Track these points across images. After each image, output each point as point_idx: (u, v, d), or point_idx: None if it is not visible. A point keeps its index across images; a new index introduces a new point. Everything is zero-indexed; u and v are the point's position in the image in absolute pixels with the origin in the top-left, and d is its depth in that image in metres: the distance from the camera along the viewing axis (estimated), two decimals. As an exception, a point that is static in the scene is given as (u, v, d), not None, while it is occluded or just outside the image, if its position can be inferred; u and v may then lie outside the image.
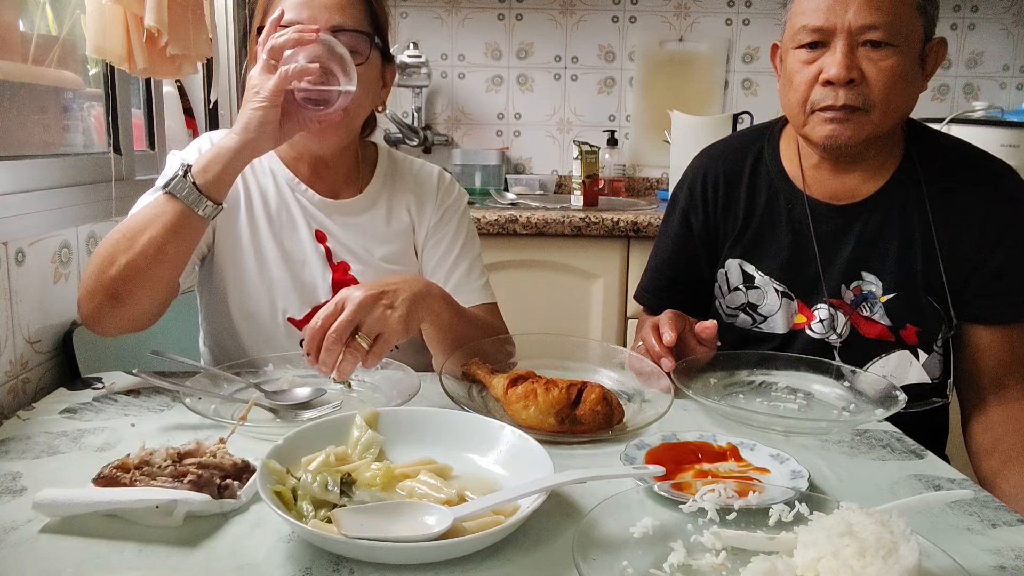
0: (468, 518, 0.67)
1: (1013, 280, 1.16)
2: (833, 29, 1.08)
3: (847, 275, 1.20)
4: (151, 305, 1.04)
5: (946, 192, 1.17)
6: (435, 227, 1.27)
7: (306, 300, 1.19)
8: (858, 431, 0.98)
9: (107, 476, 0.73)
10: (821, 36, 1.10)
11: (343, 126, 1.14)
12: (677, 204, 1.35)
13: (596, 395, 0.92)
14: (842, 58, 1.08)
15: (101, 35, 1.31)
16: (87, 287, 1.01)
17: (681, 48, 2.72)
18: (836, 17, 1.07)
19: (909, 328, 1.19)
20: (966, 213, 1.16)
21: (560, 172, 2.75)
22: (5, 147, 1.28)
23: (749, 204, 1.26)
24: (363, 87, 1.09)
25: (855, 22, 1.06)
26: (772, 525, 0.67)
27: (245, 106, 1.01)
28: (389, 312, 0.94)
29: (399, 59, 2.52)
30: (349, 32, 1.09)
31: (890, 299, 1.19)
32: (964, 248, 1.16)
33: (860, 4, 1.06)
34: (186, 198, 0.98)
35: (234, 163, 1.01)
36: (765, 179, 1.26)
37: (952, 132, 2.11)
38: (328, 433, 0.81)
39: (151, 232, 0.98)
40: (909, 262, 1.17)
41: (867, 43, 1.08)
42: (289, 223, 1.20)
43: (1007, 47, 2.72)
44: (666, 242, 1.37)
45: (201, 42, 1.56)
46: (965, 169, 1.19)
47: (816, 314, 1.22)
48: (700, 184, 1.31)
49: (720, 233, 1.29)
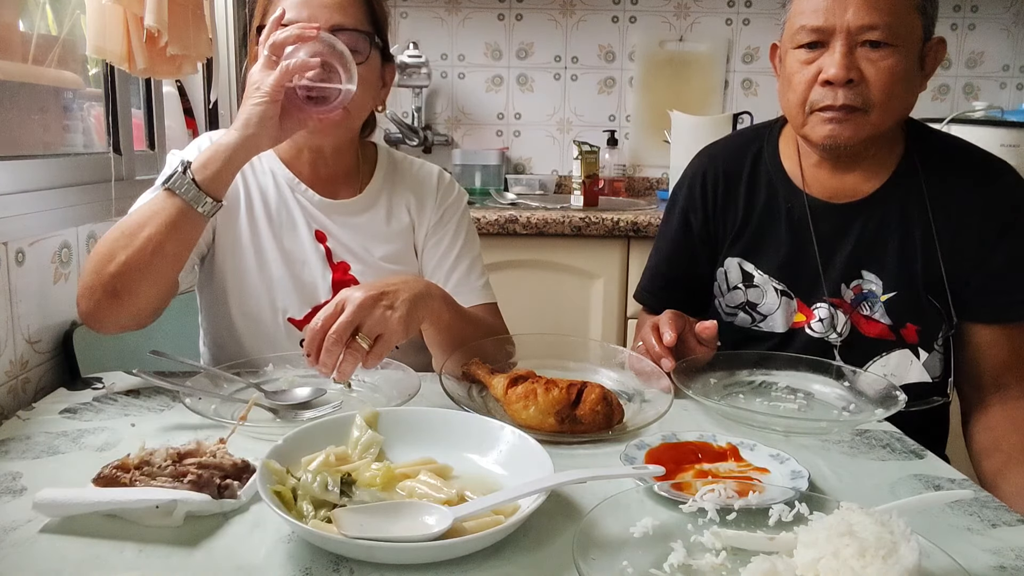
0: (468, 518, 0.67)
1: (1014, 279, 1.16)
2: (832, 29, 1.08)
3: (847, 274, 1.21)
4: (150, 302, 1.04)
5: (946, 190, 1.17)
6: (435, 227, 1.27)
7: (306, 300, 1.19)
8: (858, 431, 0.98)
9: (107, 476, 0.73)
10: (820, 36, 1.09)
11: (343, 124, 1.14)
12: (677, 203, 1.35)
13: (596, 395, 0.92)
14: (841, 58, 1.07)
15: (101, 35, 1.31)
16: (86, 284, 1.01)
17: (681, 48, 2.72)
18: (835, 17, 1.07)
19: (910, 327, 1.19)
20: (966, 211, 1.16)
21: (560, 172, 2.75)
22: (5, 147, 1.28)
23: (748, 203, 1.26)
24: (363, 86, 1.09)
25: (854, 22, 1.06)
26: (772, 525, 0.67)
27: (245, 102, 1.01)
28: (389, 313, 0.94)
29: (399, 59, 2.52)
30: (349, 31, 1.09)
31: (890, 298, 1.19)
32: (964, 246, 1.16)
33: (859, 4, 1.06)
34: (185, 194, 0.98)
35: (233, 160, 1.00)
36: (765, 178, 1.26)
37: (952, 132, 2.10)
38: (328, 433, 0.81)
39: (150, 229, 0.98)
40: (909, 261, 1.17)
41: (866, 43, 1.08)
42: (289, 223, 1.20)
43: (1007, 47, 2.72)
44: (666, 241, 1.37)
45: (201, 42, 1.56)
46: (965, 168, 1.19)
47: (816, 313, 1.22)
48: (700, 183, 1.31)
49: (720, 232, 1.30)
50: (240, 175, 1.21)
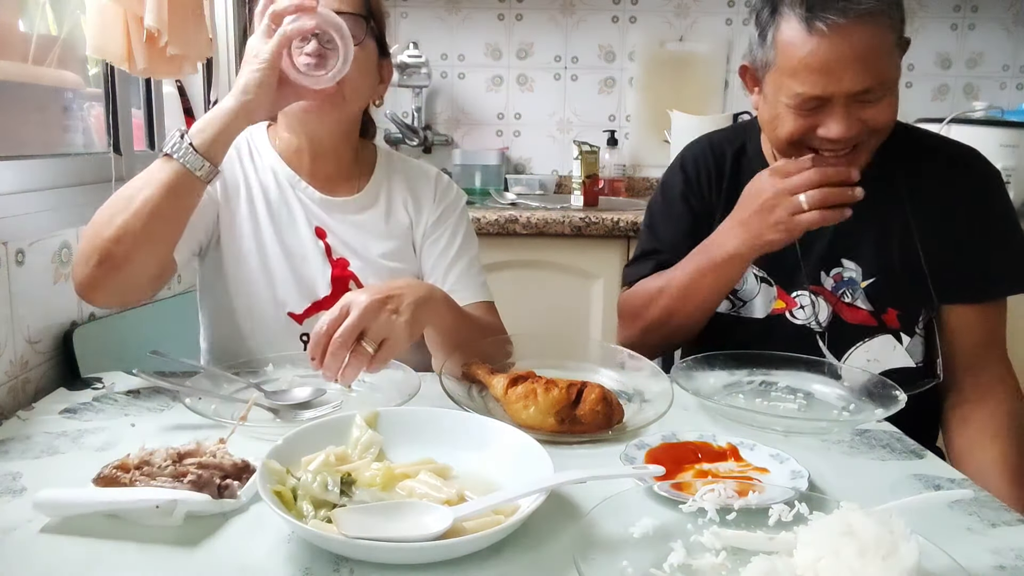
0: (468, 518, 0.67)
1: (986, 259, 1.20)
2: (830, 97, 1.08)
3: (826, 262, 1.23)
4: (145, 270, 1.02)
5: (920, 179, 1.20)
6: (433, 226, 1.28)
7: (305, 295, 1.20)
8: (858, 431, 0.98)
9: (107, 476, 0.73)
10: (817, 102, 1.10)
11: (339, 105, 1.14)
12: (673, 189, 1.34)
13: (596, 395, 0.92)
14: (842, 120, 1.08)
15: (101, 35, 1.31)
16: (82, 251, 1.00)
17: (681, 48, 2.72)
18: (832, 86, 1.07)
19: (891, 312, 1.22)
20: (939, 198, 1.20)
21: (560, 172, 2.75)
22: (5, 147, 1.28)
23: (732, 190, 1.27)
24: (360, 70, 1.11)
25: (852, 88, 1.07)
26: (772, 525, 0.67)
27: (243, 69, 1.01)
28: (395, 318, 0.94)
29: (399, 59, 2.52)
30: (346, 15, 1.09)
31: (870, 284, 1.22)
32: (939, 231, 1.20)
33: (854, 73, 1.06)
34: (183, 158, 0.97)
35: (231, 125, 1.00)
36: (747, 167, 1.29)
37: (952, 132, 2.11)
38: (328, 433, 0.81)
39: (148, 192, 0.97)
40: (886, 247, 1.20)
41: (863, 99, 1.09)
42: (289, 219, 1.21)
43: (1007, 47, 2.72)
44: (670, 225, 1.34)
45: (201, 42, 1.56)
46: (935, 154, 1.24)
47: (798, 300, 1.25)
48: (692, 167, 1.32)
49: (711, 216, 1.30)
50: (242, 171, 1.21)
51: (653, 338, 1.27)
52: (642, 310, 1.27)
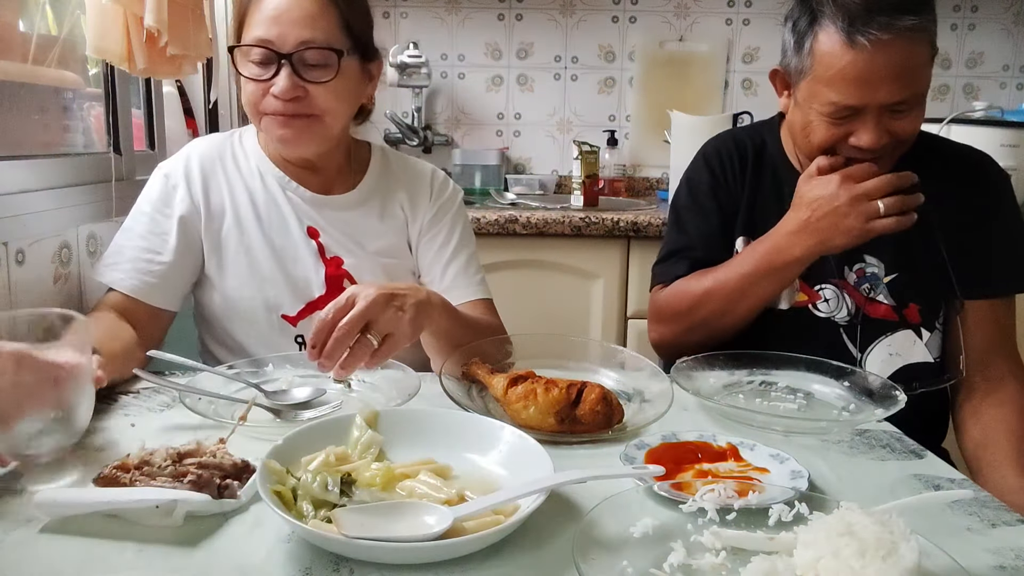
0: (468, 518, 0.67)
1: (1000, 255, 1.23)
2: (863, 107, 1.10)
3: (849, 258, 1.24)
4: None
5: (937, 180, 1.21)
6: (429, 223, 1.27)
7: (299, 296, 1.20)
8: (858, 431, 0.98)
9: (107, 476, 0.73)
10: (851, 111, 1.11)
11: (318, 133, 1.14)
12: (701, 185, 1.33)
13: (596, 395, 0.92)
14: (874, 129, 1.10)
15: (101, 35, 1.31)
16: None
17: (681, 48, 2.72)
18: (867, 98, 1.08)
19: (912, 307, 1.24)
20: (956, 195, 1.22)
21: (560, 172, 2.75)
22: (5, 147, 1.28)
23: (755, 184, 1.29)
24: (337, 97, 1.11)
25: (887, 100, 1.08)
26: (772, 525, 0.67)
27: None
28: (401, 314, 0.95)
29: (399, 59, 2.52)
30: (317, 49, 1.09)
31: (892, 279, 1.24)
32: (956, 229, 1.22)
33: (891, 85, 1.07)
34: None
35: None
36: (769, 163, 1.30)
37: (952, 132, 2.11)
38: (328, 433, 0.81)
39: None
40: (908, 243, 1.21)
41: (896, 110, 1.10)
42: (279, 220, 1.21)
43: (1007, 47, 2.72)
44: (700, 221, 1.32)
45: (201, 42, 1.56)
46: (950, 156, 1.28)
47: (821, 294, 1.26)
48: (717, 162, 1.32)
49: (737, 209, 1.31)
50: (225, 180, 1.21)
51: (697, 336, 1.26)
52: (687, 310, 1.26)
